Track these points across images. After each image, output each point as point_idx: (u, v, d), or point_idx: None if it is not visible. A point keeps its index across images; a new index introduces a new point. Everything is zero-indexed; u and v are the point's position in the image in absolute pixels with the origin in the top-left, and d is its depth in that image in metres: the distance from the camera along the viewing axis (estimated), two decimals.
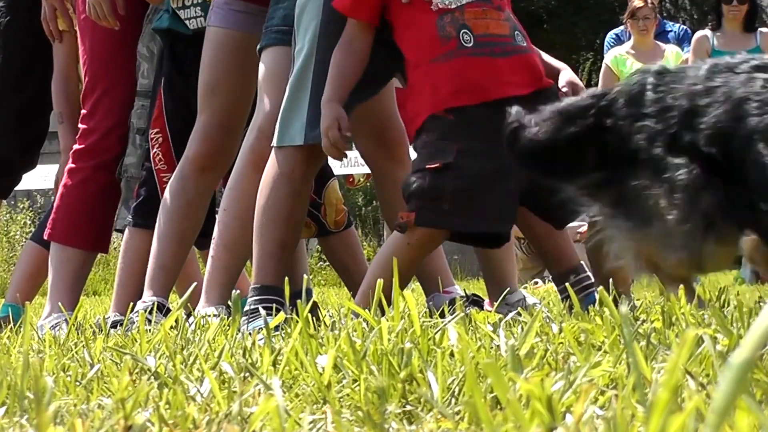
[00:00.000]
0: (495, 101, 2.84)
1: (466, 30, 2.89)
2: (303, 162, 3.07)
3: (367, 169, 4.84)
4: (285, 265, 3.08)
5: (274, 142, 3.09)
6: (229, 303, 3.00)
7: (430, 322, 2.05)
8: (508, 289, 3.35)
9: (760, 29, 8.06)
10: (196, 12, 3.82)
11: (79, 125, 4.14)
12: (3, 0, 4.49)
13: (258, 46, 3.34)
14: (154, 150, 3.89)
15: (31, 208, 15.04)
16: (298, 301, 1.87)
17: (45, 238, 4.18)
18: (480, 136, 2.82)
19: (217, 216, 3.51)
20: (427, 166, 2.81)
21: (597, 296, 2.42)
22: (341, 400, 1.48)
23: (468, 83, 2.85)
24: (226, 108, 3.63)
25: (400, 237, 2.85)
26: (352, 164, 7.28)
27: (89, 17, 4.02)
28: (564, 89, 2.99)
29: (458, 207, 2.80)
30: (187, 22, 3.83)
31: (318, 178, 3.32)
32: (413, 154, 3.02)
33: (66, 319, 3.79)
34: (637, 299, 3.27)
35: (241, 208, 3.34)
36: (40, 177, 7.30)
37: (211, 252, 3.39)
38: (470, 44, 2.88)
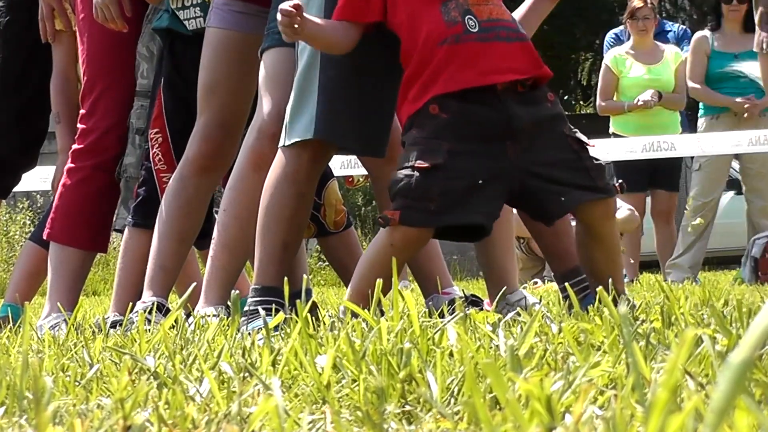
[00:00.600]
0: (492, 93, 2.83)
1: (470, 16, 2.88)
2: (308, 162, 3.06)
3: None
4: (286, 267, 3.08)
5: (282, 142, 3.08)
6: (229, 303, 3.00)
7: (429, 322, 2.05)
8: (506, 288, 3.35)
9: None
10: (195, 12, 3.81)
11: (78, 125, 4.14)
12: (2, 0, 4.49)
13: (260, 48, 3.33)
14: (154, 150, 3.89)
15: (30, 209, 15.04)
16: (298, 301, 1.87)
17: (44, 237, 4.18)
18: (473, 135, 2.81)
19: (216, 216, 3.50)
20: (416, 165, 2.79)
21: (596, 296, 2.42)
22: (340, 400, 1.48)
23: (470, 68, 2.84)
24: (226, 109, 3.62)
25: (383, 238, 2.83)
26: (351, 165, 7.28)
27: (88, 18, 4.02)
28: None
29: (445, 207, 2.78)
30: (186, 22, 3.83)
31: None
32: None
33: (65, 319, 3.79)
34: (637, 299, 3.27)
35: (240, 208, 3.34)
36: (40, 179, 7.30)
37: (210, 252, 3.39)
38: (476, 29, 2.87)
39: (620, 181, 3.17)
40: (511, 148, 2.82)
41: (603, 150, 8.33)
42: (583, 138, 2.94)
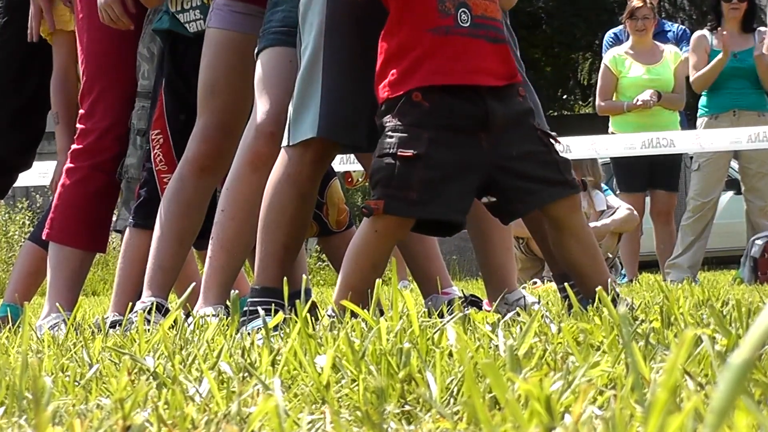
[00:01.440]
0: (473, 88, 2.84)
1: (464, 9, 2.87)
2: (311, 162, 3.06)
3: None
4: (287, 267, 3.08)
5: (285, 142, 3.07)
6: (228, 303, 3.00)
7: (428, 322, 2.05)
8: (507, 289, 3.35)
9: (758, 28, 8.07)
10: (195, 15, 3.81)
11: (77, 125, 4.14)
12: (1, 0, 4.49)
13: (256, 49, 3.33)
14: (155, 151, 3.89)
15: (29, 208, 15.05)
16: (297, 301, 1.87)
17: (43, 237, 4.18)
18: (452, 126, 2.83)
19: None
20: (399, 153, 2.80)
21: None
22: (340, 400, 1.48)
23: (455, 63, 2.84)
24: (226, 109, 3.62)
25: (368, 226, 2.86)
26: (351, 161, 7.26)
27: (87, 18, 4.02)
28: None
29: (426, 197, 2.80)
30: (186, 25, 3.83)
31: None
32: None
33: (64, 319, 3.79)
34: (636, 299, 3.27)
35: (237, 208, 3.33)
36: (39, 174, 7.29)
37: (208, 252, 3.39)
38: (467, 24, 2.87)
39: (582, 178, 3.21)
40: (484, 140, 2.84)
41: (602, 146, 8.34)
42: (551, 133, 2.97)
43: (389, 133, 2.83)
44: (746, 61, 7.88)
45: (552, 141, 2.94)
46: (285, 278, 2.45)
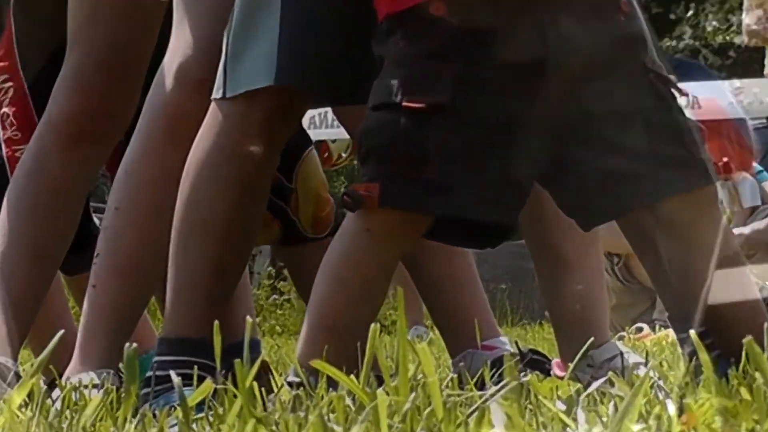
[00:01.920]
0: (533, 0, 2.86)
1: None
2: (262, 124, 3.05)
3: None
4: (219, 305, 3.08)
5: (218, 93, 3.07)
6: (121, 366, 3.01)
7: (459, 396, 2.06)
8: (592, 339, 3.36)
9: None
10: None
11: None
12: None
13: None
14: (3, 109, 3.91)
15: None
16: (237, 360, 1.88)
17: None
18: (497, 60, 2.82)
19: (99, 220, 3.52)
20: (406, 104, 2.79)
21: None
22: None
23: None
24: (115, 41, 3.64)
25: (355, 225, 2.83)
26: (327, 124, 7.28)
27: None
28: None
29: (450, 178, 2.79)
30: None
31: (286, 148, 3.28)
32: None
33: None
34: None
35: (142, 206, 3.35)
36: None
37: (91, 279, 3.40)
38: None
39: (725, 159, 3.22)
40: (555, 85, 2.83)
41: (753, 98, 8.34)
42: (670, 77, 2.95)
43: (391, 68, 2.83)
44: None
45: (672, 91, 2.94)
46: (216, 323, 2.45)
